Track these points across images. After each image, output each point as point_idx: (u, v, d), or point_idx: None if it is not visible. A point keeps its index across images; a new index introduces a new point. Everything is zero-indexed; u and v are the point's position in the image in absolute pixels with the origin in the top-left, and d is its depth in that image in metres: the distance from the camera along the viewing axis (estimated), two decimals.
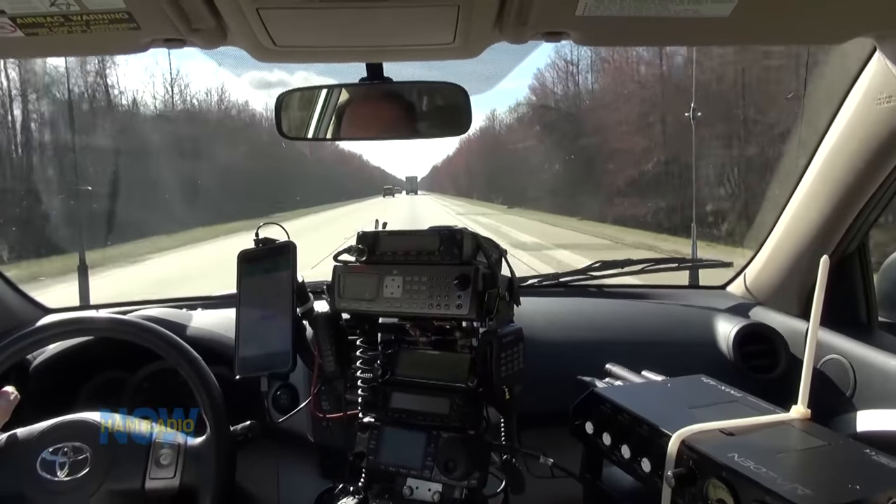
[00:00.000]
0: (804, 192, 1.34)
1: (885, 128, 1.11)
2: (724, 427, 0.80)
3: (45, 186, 15.41)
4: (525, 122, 34.47)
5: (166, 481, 1.04)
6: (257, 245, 1.09)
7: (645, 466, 0.81)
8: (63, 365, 1.34)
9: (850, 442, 0.80)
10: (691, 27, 0.89)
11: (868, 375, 1.21)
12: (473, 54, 1.00)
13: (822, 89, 1.38)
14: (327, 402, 1.21)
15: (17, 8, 0.79)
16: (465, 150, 62.92)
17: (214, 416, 1.07)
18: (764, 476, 0.68)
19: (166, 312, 1.40)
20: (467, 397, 0.94)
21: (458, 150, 70.15)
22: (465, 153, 63.26)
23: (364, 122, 1.25)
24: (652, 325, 1.50)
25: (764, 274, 1.54)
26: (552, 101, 29.43)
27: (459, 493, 0.93)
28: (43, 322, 1.17)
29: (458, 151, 69.79)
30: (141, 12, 0.80)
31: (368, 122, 1.25)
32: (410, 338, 1.00)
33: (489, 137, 45.92)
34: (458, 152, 71.21)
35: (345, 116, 1.23)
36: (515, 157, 34.77)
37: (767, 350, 1.41)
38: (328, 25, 0.90)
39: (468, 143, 56.93)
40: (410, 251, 0.96)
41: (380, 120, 1.23)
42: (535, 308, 1.45)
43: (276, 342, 1.04)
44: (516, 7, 0.82)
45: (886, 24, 0.94)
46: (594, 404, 0.93)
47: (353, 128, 1.25)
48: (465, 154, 62.55)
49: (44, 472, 1.01)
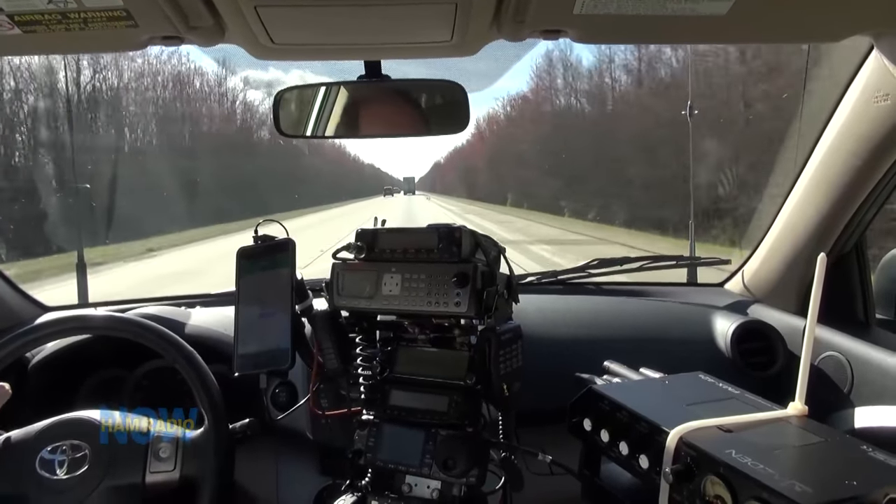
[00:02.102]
0: (802, 189, 1.34)
1: (882, 126, 1.11)
2: (721, 424, 0.80)
3: (44, 184, 15.38)
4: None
5: (166, 474, 1.04)
6: (256, 242, 1.09)
7: (643, 463, 0.82)
8: (61, 363, 1.34)
9: (848, 438, 0.80)
10: (688, 25, 0.89)
11: (865, 372, 1.22)
12: (471, 52, 1.00)
13: (819, 87, 1.38)
14: (326, 399, 1.21)
15: (14, 5, 0.79)
16: (462, 151, 62.72)
17: (213, 413, 1.07)
18: (761, 472, 0.68)
19: (165, 310, 1.40)
20: (466, 395, 0.95)
21: (456, 151, 70.00)
22: (462, 154, 63.06)
23: (362, 119, 1.25)
24: (650, 322, 1.51)
25: (762, 271, 1.54)
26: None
27: (458, 490, 0.94)
28: (41, 320, 1.17)
29: (457, 152, 69.62)
30: (139, 10, 0.80)
31: (366, 119, 1.25)
32: (409, 335, 1.00)
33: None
34: (456, 153, 71.06)
35: (342, 114, 1.23)
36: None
37: (765, 347, 1.41)
38: (326, 23, 0.90)
39: (466, 144, 56.71)
40: (409, 249, 0.96)
41: (378, 118, 1.23)
42: (534, 306, 1.46)
43: (274, 339, 1.04)
44: (514, 5, 0.82)
45: (884, 22, 0.94)
46: (592, 401, 0.93)
47: (351, 125, 1.25)
48: (463, 154, 62.34)
49: (43, 471, 1.01)
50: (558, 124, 27.44)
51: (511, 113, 36.92)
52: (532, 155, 28.66)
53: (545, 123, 29.05)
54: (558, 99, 28.47)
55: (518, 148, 31.64)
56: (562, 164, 24.58)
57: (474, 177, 47.70)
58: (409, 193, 79.93)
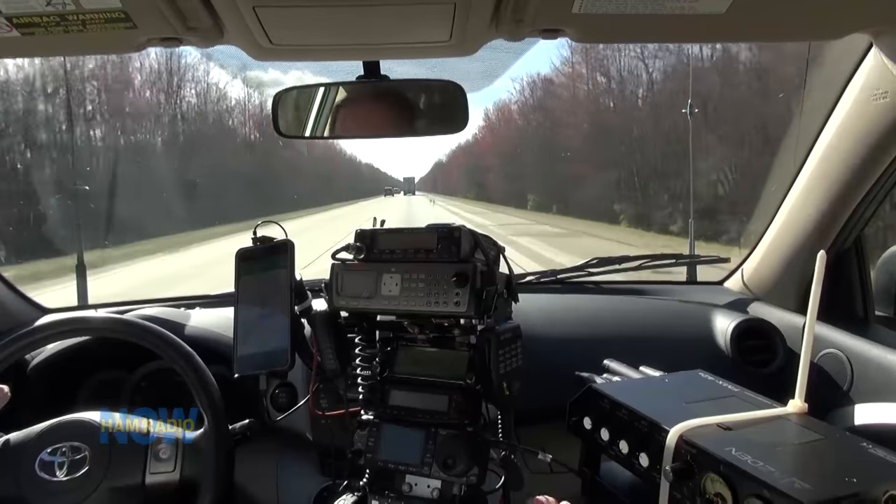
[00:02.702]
0: (801, 187, 1.34)
1: (881, 123, 1.12)
2: (721, 422, 0.80)
3: (42, 186, 15.37)
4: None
5: (166, 475, 1.04)
6: (255, 243, 1.09)
7: (643, 461, 0.82)
8: (61, 365, 1.34)
9: (847, 436, 0.80)
10: (687, 24, 0.89)
11: (865, 369, 1.22)
12: (470, 52, 1.00)
13: (818, 85, 1.38)
14: (326, 399, 1.21)
15: (12, 7, 0.79)
16: (460, 152, 62.38)
17: (213, 414, 1.07)
18: (761, 470, 0.68)
19: (164, 312, 1.40)
20: (466, 394, 0.95)
21: (455, 152, 69.75)
22: (460, 154, 62.69)
23: (361, 120, 1.25)
24: (650, 320, 1.51)
25: (761, 269, 1.54)
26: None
27: (458, 489, 0.94)
28: (41, 322, 1.17)
29: (455, 153, 69.38)
30: (137, 11, 0.80)
31: (365, 120, 1.25)
32: (409, 335, 1.00)
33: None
34: (454, 154, 70.81)
35: (341, 114, 1.23)
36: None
37: (765, 345, 1.42)
38: (325, 23, 0.90)
39: (463, 144, 56.27)
40: (408, 249, 0.96)
41: (377, 118, 1.23)
42: (534, 305, 1.46)
43: (274, 340, 1.04)
44: (512, 4, 0.82)
45: (882, 21, 0.94)
46: (592, 400, 0.93)
47: (350, 126, 1.25)
48: (461, 155, 62.01)
49: (42, 473, 1.01)
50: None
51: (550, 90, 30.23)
52: (576, 146, 24.47)
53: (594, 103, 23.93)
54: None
55: (558, 138, 27.11)
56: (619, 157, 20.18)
57: (485, 175, 45.47)
58: (408, 194, 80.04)
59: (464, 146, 57.48)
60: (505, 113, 37.94)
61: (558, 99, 27.80)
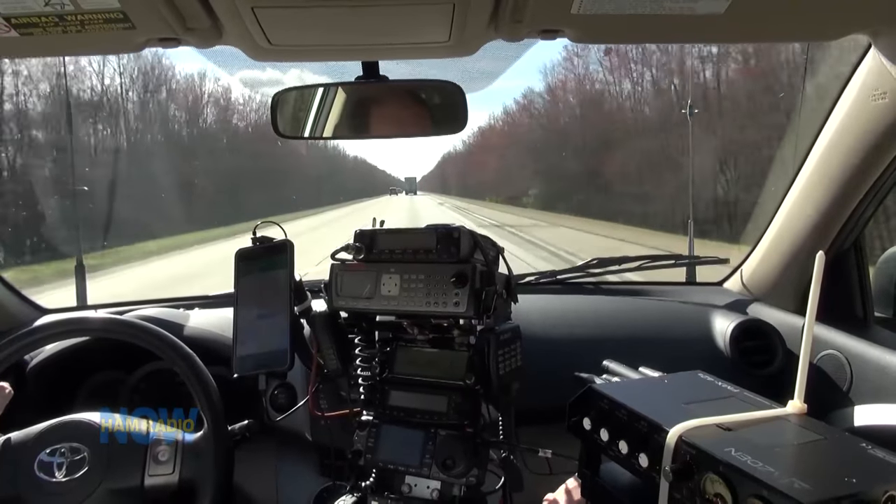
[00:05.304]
0: (800, 188, 1.34)
1: (880, 124, 1.12)
2: (721, 422, 0.80)
3: (41, 187, 15.35)
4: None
5: (165, 477, 1.04)
6: (255, 244, 1.09)
7: (643, 462, 0.82)
8: (60, 365, 1.34)
9: (847, 436, 0.80)
10: (686, 24, 0.89)
11: (864, 370, 1.22)
12: (469, 52, 1.00)
13: (817, 86, 1.38)
14: (325, 400, 1.21)
15: (11, 8, 0.79)
16: (459, 152, 62.09)
17: (212, 415, 1.07)
18: (761, 470, 0.68)
19: (163, 312, 1.40)
20: (465, 395, 0.95)
21: (453, 152, 69.56)
22: (458, 155, 62.36)
23: (360, 120, 1.25)
24: (649, 321, 1.51)
25: (760, 270, 1.54)
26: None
27: (458, 490, 0.94)
28: (40, 322, 1.17)
29: (453, 153, 69.19)
30: (136, 12, 0.80)
31: (364, 120, 1.25)
32: (408, 336, 1.00)
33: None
34: (452, 154, 70.64)
35: (340, 115, 1.23)
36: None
37: (764, 346, 1.42)
38: (324, 24, 0.90)
39: (462, 145, 55.58)
40: (408, 249, 0.96)
41: (376, 118, 1.23)
42: (533, 305, 1.46)
43: (273, 341, 1.04)
44: (511, 5, 0.82)
45: (881, 21, 0.94)
46: (592, 400, 0.93)
47: (349, 126, 1.25)
48: (459, 155, 61.73)
49: (41, 474, 1.01)
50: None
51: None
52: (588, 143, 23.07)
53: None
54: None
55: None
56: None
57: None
58: (410, 193, 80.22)
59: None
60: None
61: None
